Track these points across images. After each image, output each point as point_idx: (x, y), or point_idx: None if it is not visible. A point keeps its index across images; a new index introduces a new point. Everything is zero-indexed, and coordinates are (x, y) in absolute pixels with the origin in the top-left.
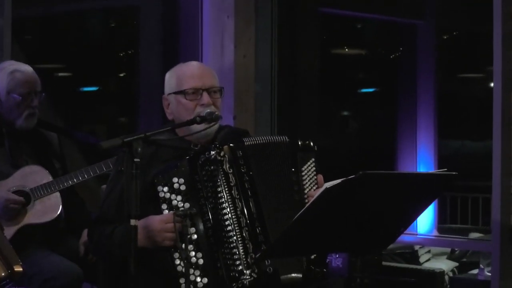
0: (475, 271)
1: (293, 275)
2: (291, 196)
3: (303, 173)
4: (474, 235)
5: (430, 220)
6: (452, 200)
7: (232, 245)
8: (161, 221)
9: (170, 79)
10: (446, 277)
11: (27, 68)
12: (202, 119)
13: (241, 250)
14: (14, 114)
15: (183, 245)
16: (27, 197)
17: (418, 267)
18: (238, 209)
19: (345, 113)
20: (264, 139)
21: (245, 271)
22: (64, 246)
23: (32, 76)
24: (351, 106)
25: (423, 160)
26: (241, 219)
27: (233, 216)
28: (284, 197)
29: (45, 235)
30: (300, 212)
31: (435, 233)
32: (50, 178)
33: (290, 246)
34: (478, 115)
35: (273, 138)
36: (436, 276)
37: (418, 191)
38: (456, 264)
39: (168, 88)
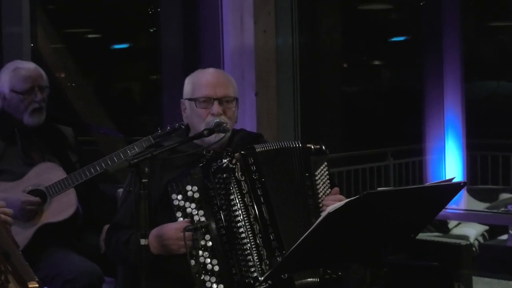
0: (505, 237)
1: (309, 280)
2: (305, 201)
3: (317, 177)
4: (504, 195)
5: None
6: (483, 159)
7: (246, 252)
8: (176, 230)
9: (187, 85)
10: (476, 242)
11: (29, 65)
12: (210, 132)
13: (255, 257)
14: (20, 110)
15: (196, 254)
16: (43, 196)
17: (444, 240)
18: (251, 216)
19: (377, 62)
20: (276, 144)
21: (260, 278)
22: (84, 243)
23: (34, 71)
24: (382, 56)
25: (450, 104)
26: (255, 226)
27: (247, 223)
28: (298, 202)
29: (64, 233)
30: (304, 235)
31: (465, 195)
32: (65, 175)
33: (298, 264)
34: None
35: (285, 144)
36: (462, 250)
37: (426, 203)
38: (486, 227)
39: (185, 93)
